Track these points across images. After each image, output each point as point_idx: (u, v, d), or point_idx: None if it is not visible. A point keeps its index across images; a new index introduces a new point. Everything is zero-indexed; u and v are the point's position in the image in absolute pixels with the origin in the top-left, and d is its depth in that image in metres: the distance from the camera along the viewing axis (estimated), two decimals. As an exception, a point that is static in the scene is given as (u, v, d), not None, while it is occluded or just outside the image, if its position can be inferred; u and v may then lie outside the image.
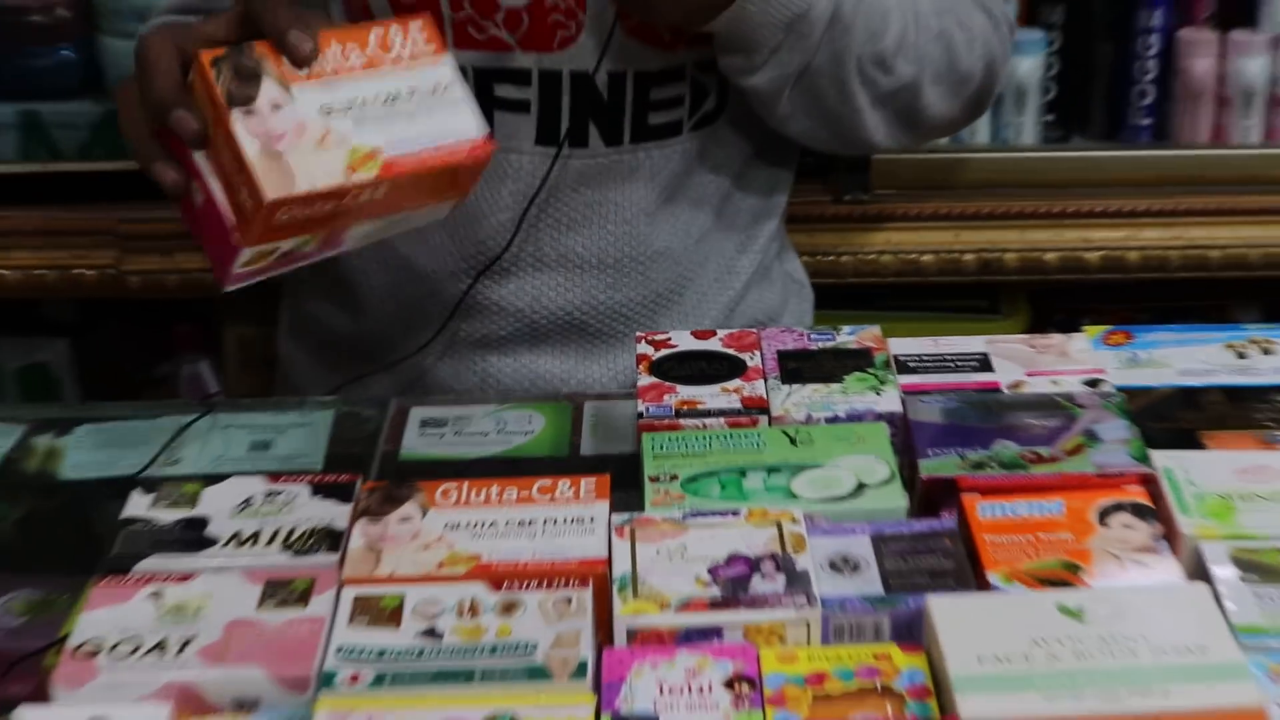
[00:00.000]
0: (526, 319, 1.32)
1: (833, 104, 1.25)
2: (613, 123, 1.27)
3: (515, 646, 0.85)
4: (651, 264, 1.32)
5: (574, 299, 1.32)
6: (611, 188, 1.29)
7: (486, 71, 1.24)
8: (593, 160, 1.27)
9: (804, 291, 1.49)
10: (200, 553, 0.94)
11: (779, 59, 1.20)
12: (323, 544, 0.95)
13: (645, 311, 1.34)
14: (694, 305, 1.36)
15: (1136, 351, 1.11)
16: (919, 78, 1.26)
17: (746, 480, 0.97)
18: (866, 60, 1.23)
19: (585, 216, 1.29)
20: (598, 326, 1.33)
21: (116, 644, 0.87)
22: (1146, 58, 1.85)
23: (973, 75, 1.30)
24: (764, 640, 0.86)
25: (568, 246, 1.30)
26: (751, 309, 1.40)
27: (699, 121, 1.30)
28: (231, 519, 0.97)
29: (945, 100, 1.30)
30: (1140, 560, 0.90)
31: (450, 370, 1.34)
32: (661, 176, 1.30)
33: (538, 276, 1.31)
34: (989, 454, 0.98)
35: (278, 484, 1.00)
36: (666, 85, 1.27)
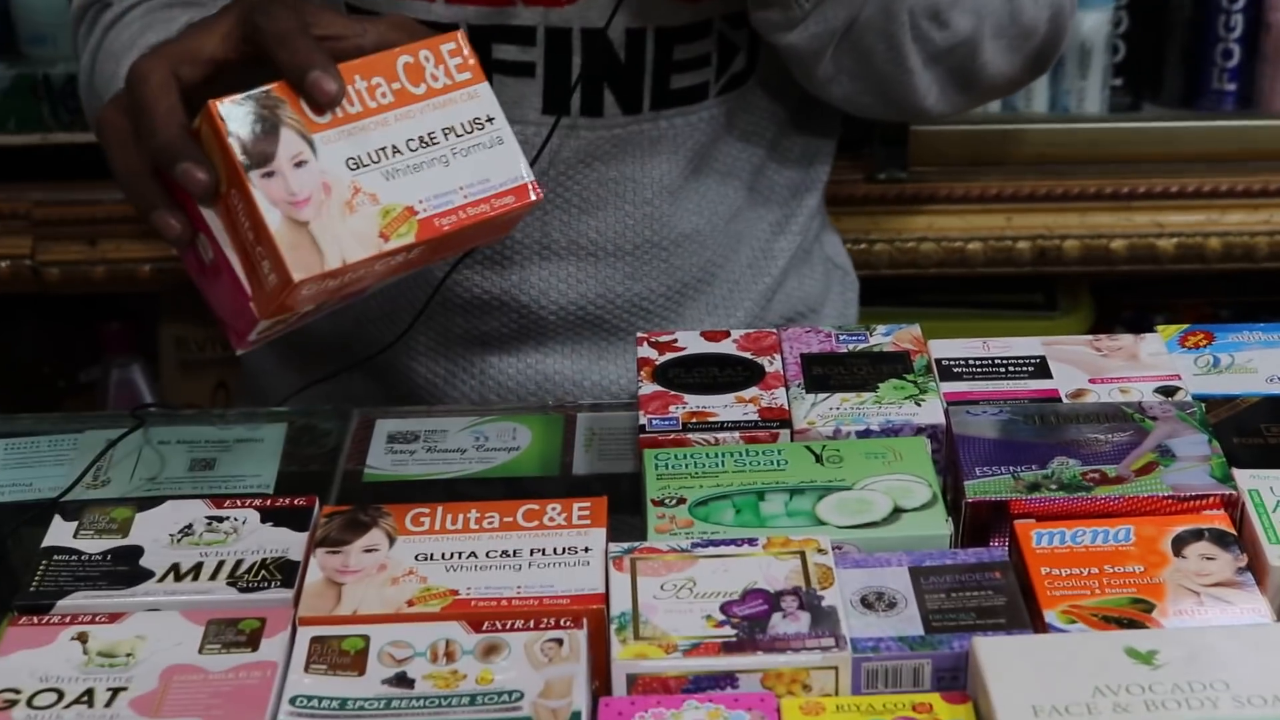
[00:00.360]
0: (532, 315, 1.33)
1: (881, 64, 1.25)
2: (631, 87, 1.27)
3: (498, 695, 0.86)
4: (676, 249, 1.33)
5: (587, 291, 1.32)
6: (629, 163, 1.29)
7: (484, 29, 1.25)
8: (608, 131, 1.28)
9: (848, 278, 1.50)
10: (133, 589, 0.95)
11: (822, 12, 1.20)
12: (275, 578, 0.96)
13: (669, 304, 1.35)
14: (725, 295, 1.37)
15: (1218, 355, 1.11)
16: (978, 32, 1.27)
17: (765, 504, 0.98)
18: (920, 13, 1.23)
19: (600, 196, 1.30)
20: (615, 322, 1.34)
21: (35, 694, 0.88)
22: (1231, 11, 1.86)
23: (1036, 29, 1.30)
24: (785, 688, 0.87)
25: (579, 231, 1.31)
26: (790, 298, 1.41)
27: (727, 84, 1.30)
28: (169, 549, 0.98)
29: (1005, 57, 1.30)
30: (1221, 596, 0.91)
31: (442, 372, 1.35)
32: (686, 148, 1.30)
33: (545, 266, 1.32)
34: (1046, 473, 0.98)
35: (222, 509, 1.01)
36: (691, 43, 1.27)
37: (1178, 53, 1.90)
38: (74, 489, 1.11)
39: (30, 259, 1.93)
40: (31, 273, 1.93)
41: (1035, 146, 1.88)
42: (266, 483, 1.13)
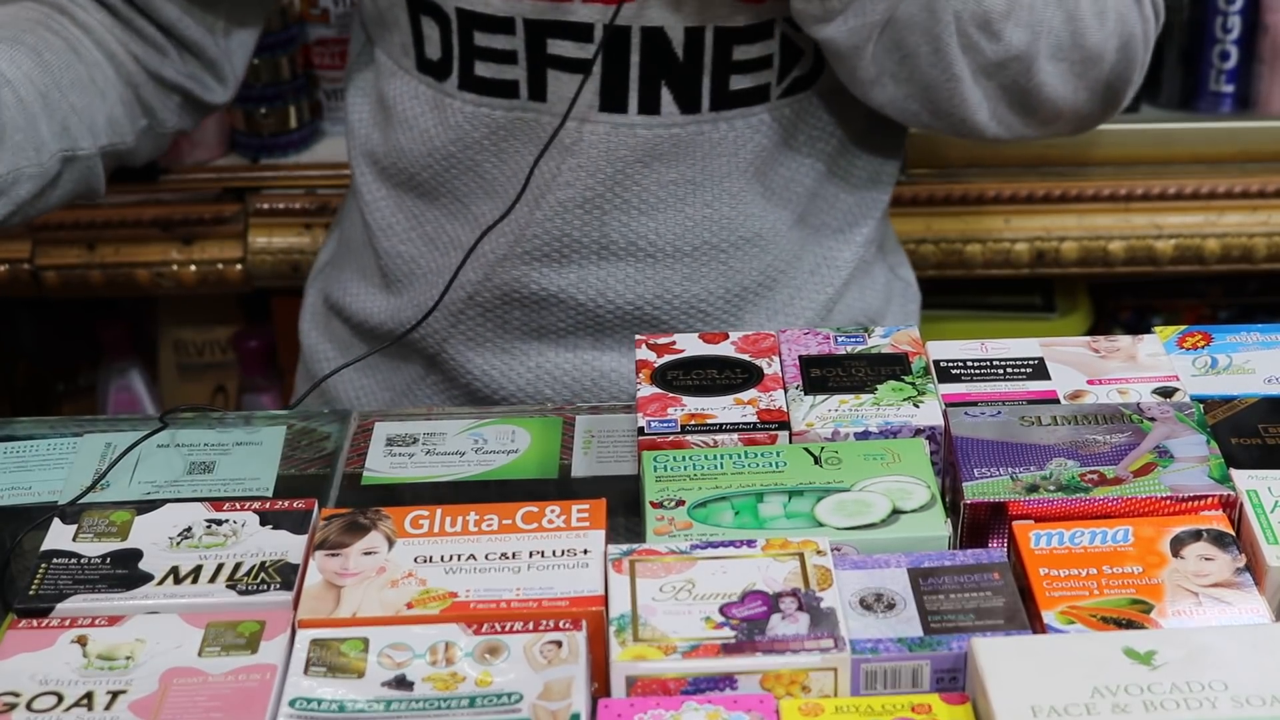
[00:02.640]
0: (589, 313, 1.34)
1: (926, 68, 1.22)
2: (689, 87, 1.27)
3: (497, 698, 0.86)
4: (736, 252, 1.33)
5: (645, 292, 1.33)
6: (690, 164, 1.29)
7: (540, 24, 1.25)
8: (666, 130, 1.28)
9: (909, 291, 1.49)
10: (132, 592, 0.95)
11: (860, 5, 1.18)
12: (274, 581, 0.96)
13: (728, 307, 1.35)
14: (785, 302, 1.37)
15: (1216, 355, 1.11)
16: (1033, 48, 1.23)
17: (764, 505, 0.98)
18: (968, 20, 1.20)
19: (659, 198, 1.30)
20: (672, 323, 1.34)
21: (35, 697, 0.88)
22: (1229, 13, 1.86)
23: (1102, 55, 1.26)
24: (784, 690, 0.87)
25: (638, 233, 1.31)
26: (851, 309, 1.40)
27: (790, 87, 1.30)
28: (168, 552, 0.98)
29: (1066, 82, 1.26)
30: (1220, 596, 0.91)
31: (498, 364, 1.36)
32: (747, 150, 1.30)
33: (603, 266, 1.32)
34: (1044, 475, 0.99)
35: (221, 512, 1.01)
36: (752, 44, 1.27)
37: (1175, 55, 1.90)
38: (89, 492, 1.11)
39: (29, 263, 1.93)
40: (30, 276, 1.94)
41: (1033, 148, 1.88)
42: (266, 485, 1.13)
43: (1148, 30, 1.29)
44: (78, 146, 1.25)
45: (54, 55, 1.24)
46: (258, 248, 1.95)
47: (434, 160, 1.33)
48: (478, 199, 1.33)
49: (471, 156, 1.31)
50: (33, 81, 1.21)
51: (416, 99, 1.33)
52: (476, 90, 1.29)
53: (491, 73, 1.28)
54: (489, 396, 1.38)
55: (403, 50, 1.33)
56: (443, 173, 1.34)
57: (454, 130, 1.31)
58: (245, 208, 1.96)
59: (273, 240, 1.94)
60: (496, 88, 1.29)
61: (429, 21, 1.29)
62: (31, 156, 1.20)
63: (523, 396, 1.37)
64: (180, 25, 1.32)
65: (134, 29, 1.31)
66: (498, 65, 1.28)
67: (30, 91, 1.20)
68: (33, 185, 1.21)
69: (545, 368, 1.35)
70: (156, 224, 1.95)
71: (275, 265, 1.95)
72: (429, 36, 1.30)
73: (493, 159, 1.31)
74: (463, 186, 1.33)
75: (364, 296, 1.42)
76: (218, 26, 1.34)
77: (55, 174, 1.23)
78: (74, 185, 1.27)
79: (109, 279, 1.94)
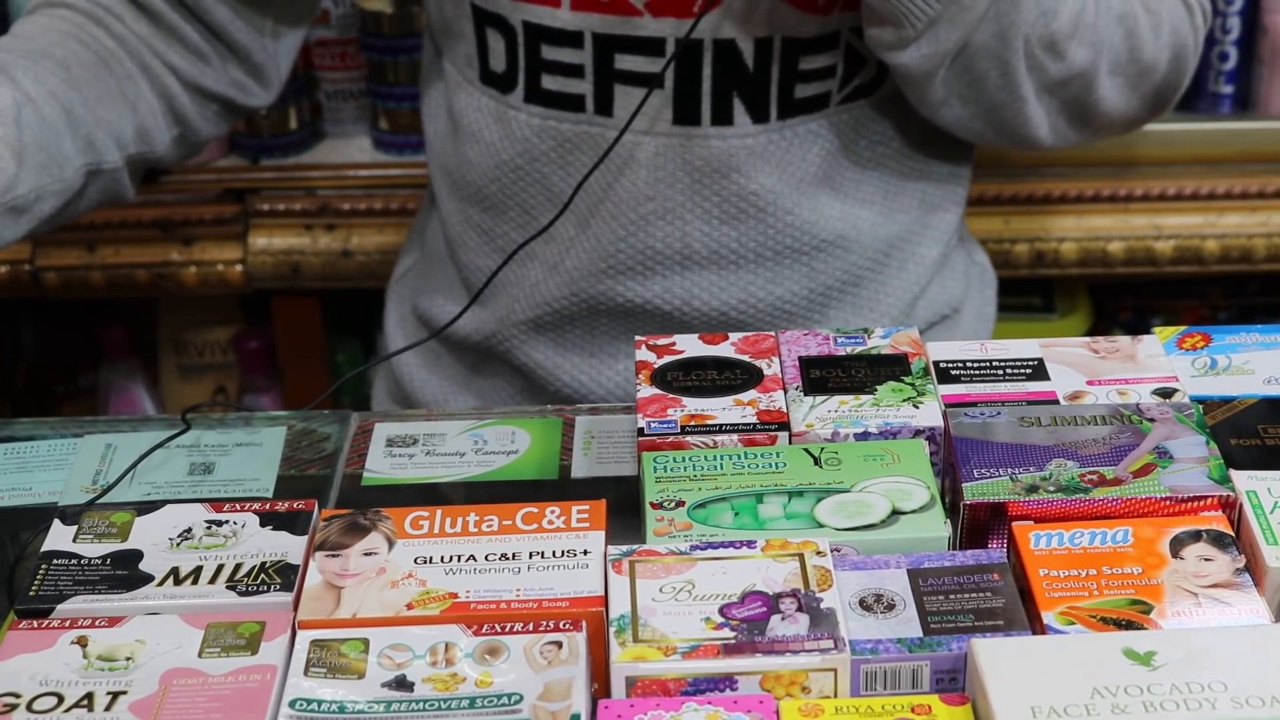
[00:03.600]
0: (676, 322, 1.35)
1: (994, 90, 1.24)
2: (759, 96, 1.28)
3: (497, 698, 0.86)
4: (818, 254, 1.34)
5: (729, 299, 1.34)
6: (764, 170, 1.30)
7: (607, 39, 1.25)
8: (739, 141, 1.29)
9: (986, 275, 1.50)
10: (132, 593, 0.95)
11: (935, 34, 1.19)
12: (274, 582, 0.96)
13: (813, 306, 1.36)
14: (870, 298, 1.38)
15: (1215, 356, 1.11)
16: (1095, 66, 1.25)
17: (763, 506, 0.98)
18: (1036, 41, 1.21)
19: (738, 208, 1.31)
20: (758, 324, 1.35)
21: (35, 698, 0.88)
22: (1228, 14, 1.86)
23: (1156, 67, 1.29)
24: (784, 690, 0.87)
25: (720, 242, 1.32)
26: (934, 302, 1.41)
27: (851, 94, 1.30)
28: (168, 553, 0.98)
29: (1122, 94, 1.29)
30: (1219, 597, 0.91)
31: (587, 369, 1.38)
32: (814, 155, 1.31)
33: (686, 276, 1.33)
34: (1044, 475, 0.99)
35: (221, 513, 1.01)
36: (819, 54, 1.27)
37: (1175, 55, 1.90)
38: (110, 493, 1.11)
39: (29, 264, 1.93)
40: (31, 278, 1.94)
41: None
42: (266, 486, 1.13)
43: (1198, 39, 1.32)
44: (103, 160, 1.25)
45: (82, 69, 1.24)
46: (258, 249, 1.95)
47: (501, 174, 1.34)
48: (546, 211, 1.33)
49: (539, 169, 1.32)
50: (57, 97, 1.20)
51: (480, 112, 1.34)
52: (542, 103, 1.30)
53: (558, 86, 1.29)
54: (579, 401, 1.39)
55: (467, 62, 1.33)
56: (509, 185, 1.34)
57: (520, 144, 1.32)
58: (245, 209, 1.96)
59: (273, 241, 1.94)
60: (563, 101, 1.29)
61: (494, 34, 1.29)
62: (55, 173, 1.20)
63: (613, 399, 1.38)
64: (231, 29, 1.31)
65: (177, 37, 1.29)
66: (564, 79, 1.28)
67: (54, 108, 1.20)
68: (56, 201, 1.21)
69: (632, 376, 1.36)
70: (157, 225, 1.95)
71: (275, 266, 1.95)
72: (494, 49, 1.30)
73: (559, 171, 1.32)
74: (530, 199, 1.34)
75: (450, 308, 1.42)
76: (267, 28, 1.34)
77: (80, 187, 1.23)
78: (100, 195, 1.27)
79: (109, 280, 1.95)
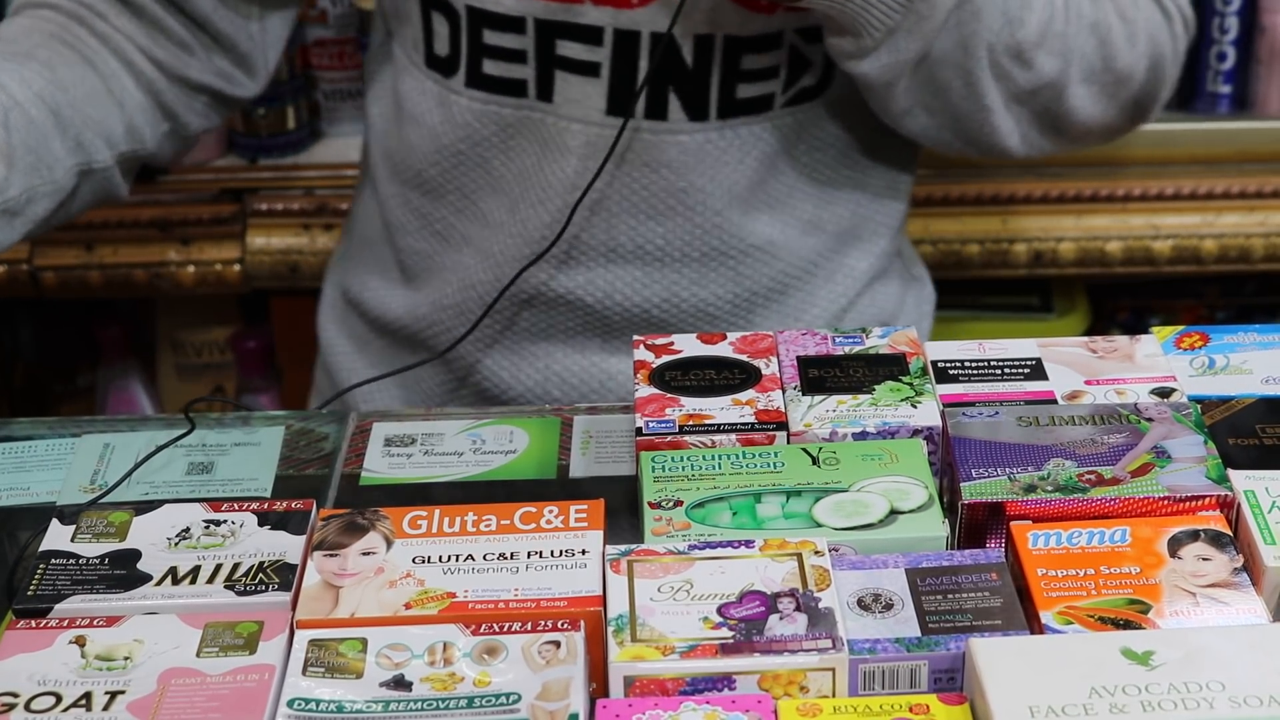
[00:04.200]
0: (597, 314, 1.34)
1: (958, 100, 1.23)
2: (697, 94, 1.27)
3: (496, 698, 0.86)
4: (745, 259, 1.33)
5: (652, 295, 1.33)
6: (696, 170, 1.29)
7: (550, 25, 1.25)
8: (672, 137, 1.28)
9: (925, 291, 1.49)
10: (130, 592, 0.95)
11: (893, 43, 1.18)
12: (272, 582, 0.96)
13: (737, 311, 1.35)
14: (797, 307, 1.37)
15: (1213, 356, 1.11)
16: (1065, 75, 1.23)
17: (762, 506, 0.98)
18: (1001, 51, 1.20)
19: (667, 205, 1.31)
20: (679, 326, 1.35)
21: (33, 698, 0.88)
22: (1226, 14, 1.86)
23: (1132, 75, 1.27)
24: (782, 690, 0.87)
25: (645, 237, 1.32)
26: (864, 313, 1.40)
27: (795, 97, 1.30)
28: (167, 553, 0.98)
29: (1097, 103, 1.27)
30: (1217, 597, 0.91)
31: (506, 365, 1.37)
32: (752, 158, 1.30)
33: (611, 269, 1.33)
34: (1042, 475, 0.99)
35: (220, 513, 1.01)
36: (761, 53, 1.27)
37: (1173, 55, 1.90)
38: (113, 491, 1.11)
39: (27, 264, 1.93)
40: (29, 277, 1.94)
41: (1031, 149, 1.88)
42: (264, 486, 1.13)
43: (1178, 48, 1.30)
44: (93, 160, 1.24)
45: (67, 69, 1.24)
46: (256, 248, 1.95)
47: (441, 157, 1.34)
48: (485, 196, 1.33)
49: (480, 154, 1.32)
50: (44, 99, 1.20)
51: (423, 95, 1.33)
52: (483, 88, 1.30)
53: (500, 71, 1.29)
54: (497, 396, 1.38)
55: (413, 45, 1.33)
56: (450, 170, 1.34)
57: (461, 128, 1.32)
58: (243, 208, 1.96)
59: (271, 241, 1.94)
60: (504, 86, 1.29)
61: (439, 17, 1.29)
62: (45, 175, 1.20)
63: (530, 397, 1.37)
64: (215, 18, 1.30)
65: (161, 29, 1.29)
66: (506, 64, 1.28)
67: (41, 110, 1.20)
68: (49, 202, 1.21)
69: (554, 369, 1.36)
70: (155, 225, 1.95)
71: (273, 266, 1.95)
72: (438, 32, 1.30)
73: (500, 156, 1.31)
74: (470, 184, 1.34)
75: (382, 291, 1.43)
76: (254, 13, 1.33)
77: (72, 188, 1.23)
78: (93, 195, 1.27)
79: (107, 280, 1.95)
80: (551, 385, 1.36)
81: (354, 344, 1.47)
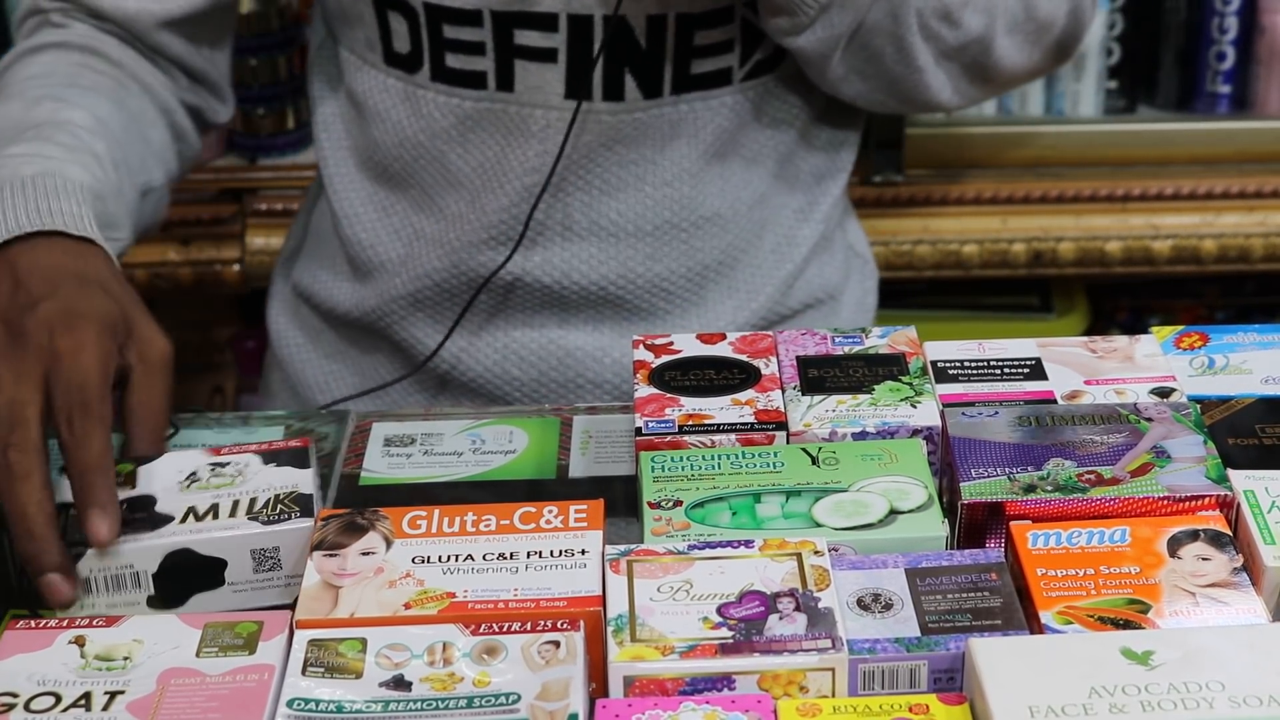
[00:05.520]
0: (554, 294, 1.35)
1: (891, 64, 1.27)
2: (651, 72, 1.29)
3: (495, 698, 0.86)
4: (697, 231, 1.35)
5: (608, 272, 1.34)
6: (650, 145, 1.31)
7: (506, 15, 1.27)
8: (629, 115, 1.30)
9: (867, 267, 1.51)
10: (158, 531, 0.96)
11: (828, 18, 1.22)
12: (293, 510, 0.97)
13: (690, 285, 1.37)
14: (747, 279, 1.39)
15: (1213, 356, 1.11)
16: (991, 29, 1.28)
17: (761, 506, 0.98)
18: (929, 14, 1.25)
19: (620, 179, 1.32)
20: (636, 302, 1.36)
21: (32, 698, 0.88)
22: (1225, 14, 1.86)
23: (1054, 21, 1.31)
24: (782, 690, 0.87)
25: (600, 213, 1.33)
26: (811, 285, 1.42)
27: (752, 70, 1.32)
28: (180, 495, 0.99)
29: (1022, 50, 1.31)
30: (1217, 596, 0.91)
31: (464, 344, 1.38)
32: (707, 132, 1.32)
33: (567, 247, 1.34)
34: (1042, 475, 0.99)
35: (222, 455, 1.02)
36: (713, 28, 1.28)
37: (1172, 55, 1.90)
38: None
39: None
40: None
41: (1031, 149, 1.88)
42: (263, 486, 1.13)
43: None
44: (152, 180, 1.27)
45: (109, 96, 1.25)
46: (255, 248, 1.95)
47: (404, 151, 1.35)
48: (441, 190, 1.35)
49: (439, 147, 1.33)
50: (109, 121, 1.22)
51: (386, 92, 1.35)
52: (447, 81, 1.31)
53: (461, 64, 1.30)
54: (456, 379, 1.39)
55: (368, 45, 1.34)
56: (411, 163, 1.35)
57: (425, 120, 1.33)
58: (242, 208, 1.96)
59: (270, 241, 1.94)
60: (466, 78, 1.31)
61: (396, 16, 1.31)
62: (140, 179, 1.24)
63: (489, 377, 1.38)
64: (186, 57, 1.33)
65: (154, 62, 1.32)
66: (467, 56, 1.30)
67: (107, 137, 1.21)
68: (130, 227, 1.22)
69: (511, 347, 1.37)
70: (154, 224, 1.94)
71: (272, 266, 1.94)
72: (396, 30, 1.31)
73: (458, 149, 1.33)
74: (428, 178, 1.35)
75: (330, 284, 1.44)
76: (204, 51, 1.35)
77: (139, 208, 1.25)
78: (150, 218, 1.29)
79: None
80: (510, 364, 1.37)
81: (306, 335, 1.48)
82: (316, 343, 1.47)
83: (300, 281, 1.47)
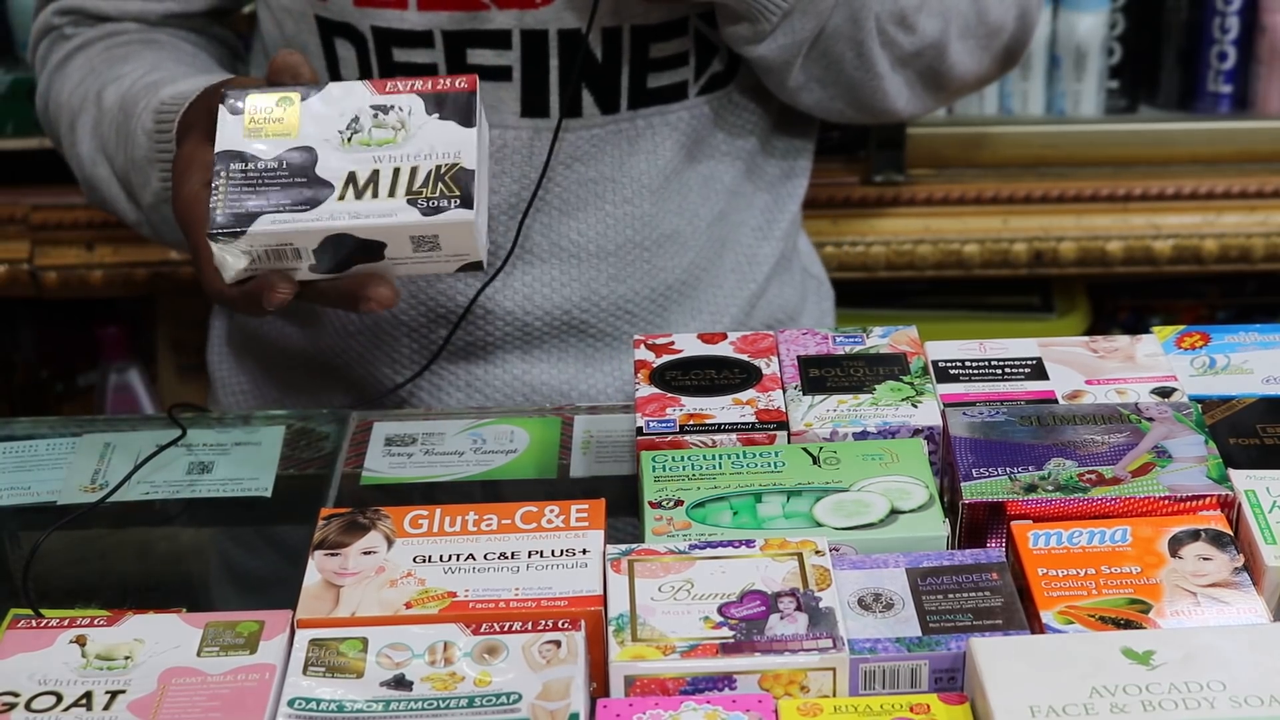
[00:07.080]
0: (517, 321, 1.33)
1: (850, 71, 1.27)
2: (608, 87, 1.28)
3: (496, 698, 0.86)
4: (659, 250, 1.33)
5: (571, 295, 1.32)
6: (608, 162, 1.30)
7: (458, 35, 1.25)
8: (587, 132, 1.28)
9: (823, 287, 1.51)
10: (317, 211, 0.97)
11: (789, 25, 1.22)
12: (453, 194, 0.97)
13: (654, 307, 1.35)
14: (710, 300, 1.37)
15: (1214, 356, 1.11)
16: (945, 34, 1.28)
17: (762, 505, 0.98)
18: (886, 19, 1.25)
19: (580, 198, 1.30)
20: (600, 327, 1.34)
21: (34, 697, 0.88)
22: (1226, 14, 1.86)
23: (1004, 26, 1.32)
24: (783, 689, 0.87)
25: (561, 234, 1.31)
26: (771, 305, 1.41)
27: (707, 84, 1.31)
28: (341, 152, 0.99)
29: (973, 56, 1.32)
30: (1218, 596, 0.91)
31: (427, 387, 1.35)
32: (666, 147, 1.31)
33: (528, 271, 1.31)
34: (1042, 475, 0.99)
35: (384, 95, 1.02)
36: (668, 40, 1.28)
37: (1173, 55, 1.90)
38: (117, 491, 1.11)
39: (28, 263, 1.93)
40: (29, 277, 1.93)
41: (1031, 149, 1.88)
42: (265, 486, 1.13)
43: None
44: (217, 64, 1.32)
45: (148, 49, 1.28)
46: (256, 248, 1.94)
47: None
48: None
49: None
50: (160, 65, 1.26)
51: None
52: None
53: None
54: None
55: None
56: None
57: None
58: (244, 208, 1.95)
59: (271, 240, 1.94)
60: None
61: (343, 43, 1.28)
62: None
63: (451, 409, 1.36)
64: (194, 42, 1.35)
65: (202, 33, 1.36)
66: None
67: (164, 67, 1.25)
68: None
69: (476, 385, 1.34)
70: (155, 224, 1.94)
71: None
72: (344, 58, 1.28)
73: None
74: None
75: (273, 326, 1.40)
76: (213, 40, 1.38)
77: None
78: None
79: (108, 279, 1.94)
80: (475, 404, 1.34)
81: (251, 380, 1.44)
82: (263, 386, 1.43)
83: (248, 323, 1.43)
